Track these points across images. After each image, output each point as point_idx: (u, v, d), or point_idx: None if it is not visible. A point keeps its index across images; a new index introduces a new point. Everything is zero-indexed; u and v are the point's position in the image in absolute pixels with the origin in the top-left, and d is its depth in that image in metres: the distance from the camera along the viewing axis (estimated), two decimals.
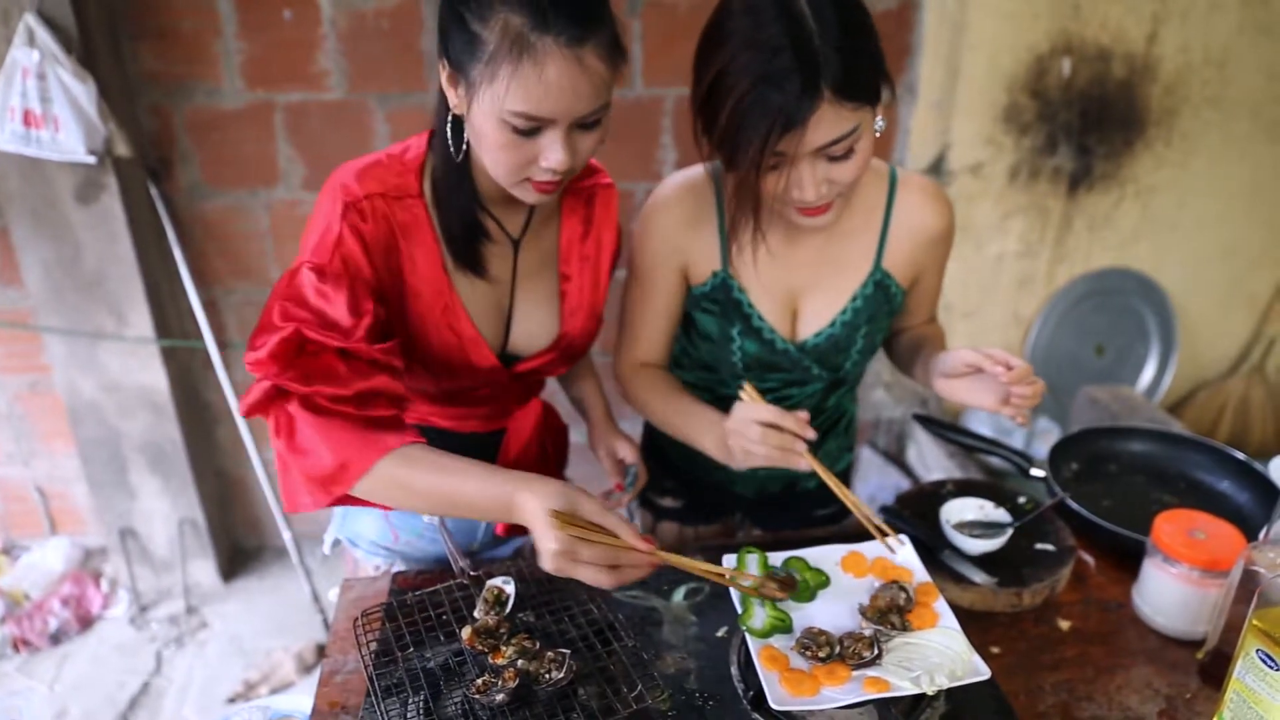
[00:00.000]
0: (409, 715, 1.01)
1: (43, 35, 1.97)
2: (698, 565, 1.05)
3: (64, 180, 2.17)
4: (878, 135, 1.14)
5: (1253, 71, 2.69)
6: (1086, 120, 2.67)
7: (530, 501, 0.95)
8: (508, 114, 0.97)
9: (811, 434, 1.13)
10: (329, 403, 1.01)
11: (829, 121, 1.04)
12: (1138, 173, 2.78)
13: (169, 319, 2.45)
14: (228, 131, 2.35)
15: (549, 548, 0.92)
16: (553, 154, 1.00)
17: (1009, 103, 2.61)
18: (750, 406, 1.15)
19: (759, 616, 1.08)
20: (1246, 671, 0.92)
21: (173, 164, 2.37)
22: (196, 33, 2.23)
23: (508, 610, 1.14)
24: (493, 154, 1.02)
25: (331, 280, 1.04)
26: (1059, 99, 2.63)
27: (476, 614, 1.13)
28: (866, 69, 1.06)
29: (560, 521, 0.92)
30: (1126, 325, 3.03)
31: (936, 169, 2.65)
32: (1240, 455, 1.46)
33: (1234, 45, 2.64)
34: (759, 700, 1.02)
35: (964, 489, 1.42)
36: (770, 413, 1.13)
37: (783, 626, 1.07)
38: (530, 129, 0.99)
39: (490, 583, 1.16)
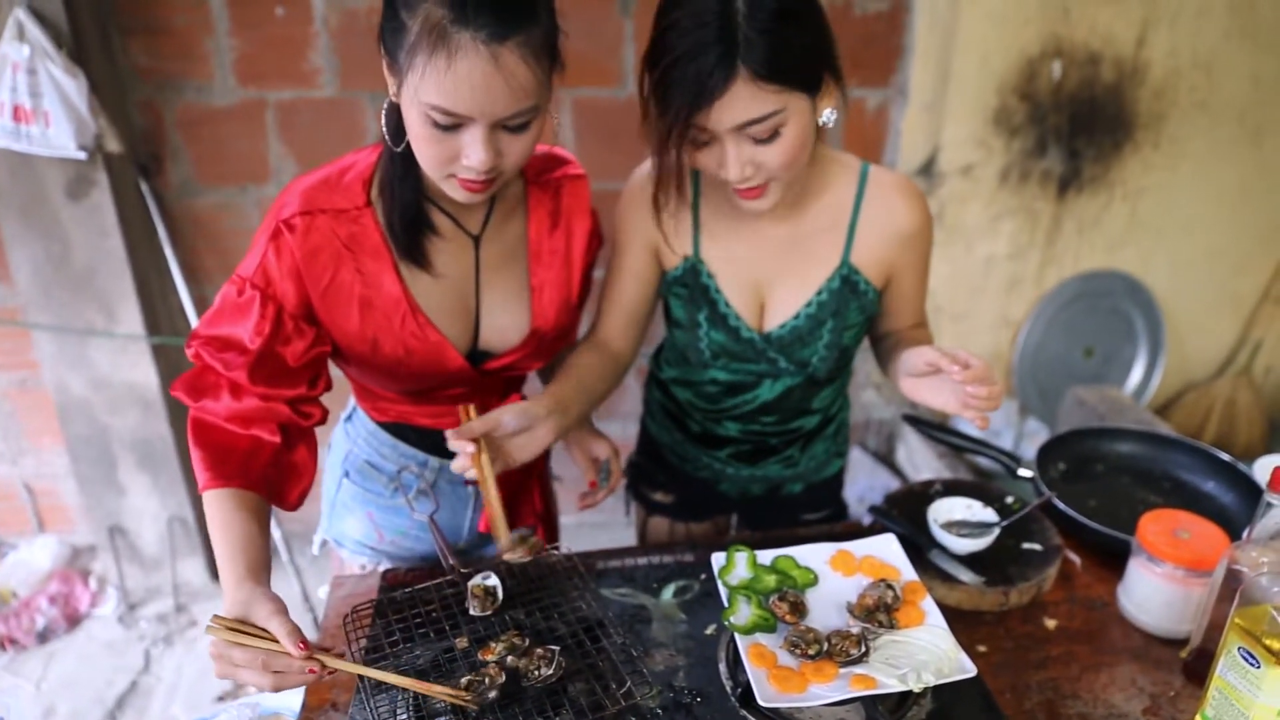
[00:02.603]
0: (398, 712, 1.02)
1: (33, 30, 1.96)
2: (377, 674, 0.99)
3: (54, 176, 2.16)
4: (826, 126, 1.14)
5: (1239, 76, 2.72)
6: (1076, 123, 2.68)
7: (223, 603, 0.98)
8: (425, 106, 0.97)
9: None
10: (209, 416, 1.10)
11: (745, 100, 1.05)
12: (1126, 176, 2.80)
13: (159, 316, 2.44)
14: (219, 128, 2.34)
15: (209, 648, 0.93)
16: (474, 152, 1.00)
17: (999, 105, 2.62)
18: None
19: (742, 613, 1.08)
20: (1228, 669, 0.93)
21: (164, 160, 2.37)
22: (188, 29, 2.23)
23: (499, 602, 1.15)
24: (418, 146, 1.03)
25: (248, 295, 1.10)
26: (1049, 102, 2.64)
27: (472, 611, 1.14)
28: (795, 54, 1.05)
29: (223, 624, 0.92)
30: (1115, 327, 3.04)
31: (927, 171, 2.66)
32: (1225, 456, 1.48)
33: (1221, 50, 2.67)
34: (747, 697, 1.02)
35: (952, 489, 1.43)
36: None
37: (766, 625, 1.07)
38: (449, 124, 0.99)
39: (473, 581, 1.17)
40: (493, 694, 1.00)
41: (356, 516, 1.39)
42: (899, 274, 1.33)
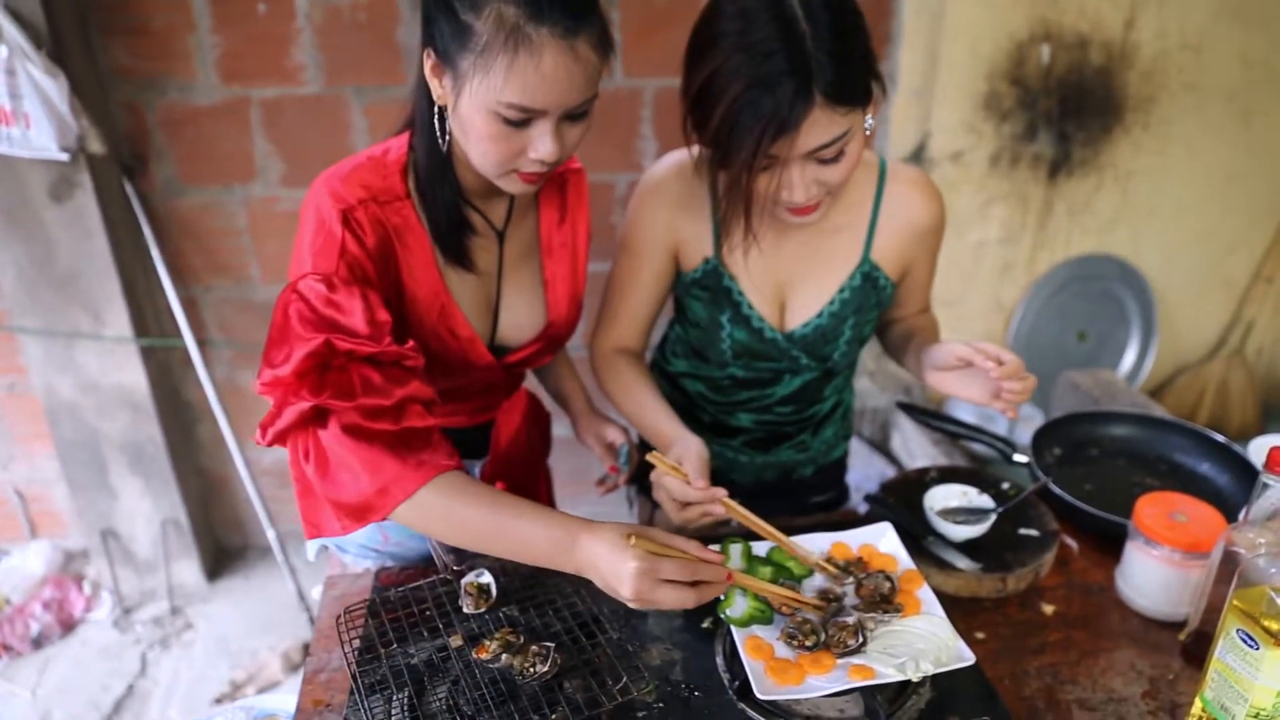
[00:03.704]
0: (393, 712, 1.01)
1: (11, 30, 1.94)
2: (767, 588, 1.07)
3: (36, 178, 2.14)
4: (868, 134, 1.13)
5: (1228, 57, 2.71)
6: (1066, 107, 2.68)
7: (598, 536, 0.93)
8: (501, 105, 0.96)
9: (720, 492, 1.13)
10: (370, 419, 0.97)
11: (821, 125, 1.04)
12: (1116, 159, 2.79)
13: (147, 317, 2.42)
14: (203, 127, 2.32)
15: (630, 567, 0.89)
16: (543, 145, 1.00)
17: (989, 90, 2.61)
18: (666, 490, 1.15)
19: (739, 605, 1.08)
20: (1227, 651, 0.93)
21: (148, 161, 2.34)
22: (169, 27, 2.20)
23: (493, 600, 1.14)
24: (481, 145, 1.01)
25: (343, 290, 1.00)
26: (1038, 86, 2.63)
27: (466, 609, 1.13)
28: (858, 71, 1.05)
29: (642, 545, 0.92)
30: (1107, 310, 3.04)
31: (917, 157, 2.66)
32: (1220, 438, 1.48)
33: (1209, 30, 2.66)
34: (745, 690, 1.02)
35: (948, 476, 1.43)
36: (680, 493, 1.13)
37: (762, 617, 1.07)
38: (521, 120, 0.98)
39: (466, 579, 1.16)
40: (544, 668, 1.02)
41: None
42: (914, 266, 1.36)
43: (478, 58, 0.94)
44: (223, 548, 2.88)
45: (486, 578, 1.16)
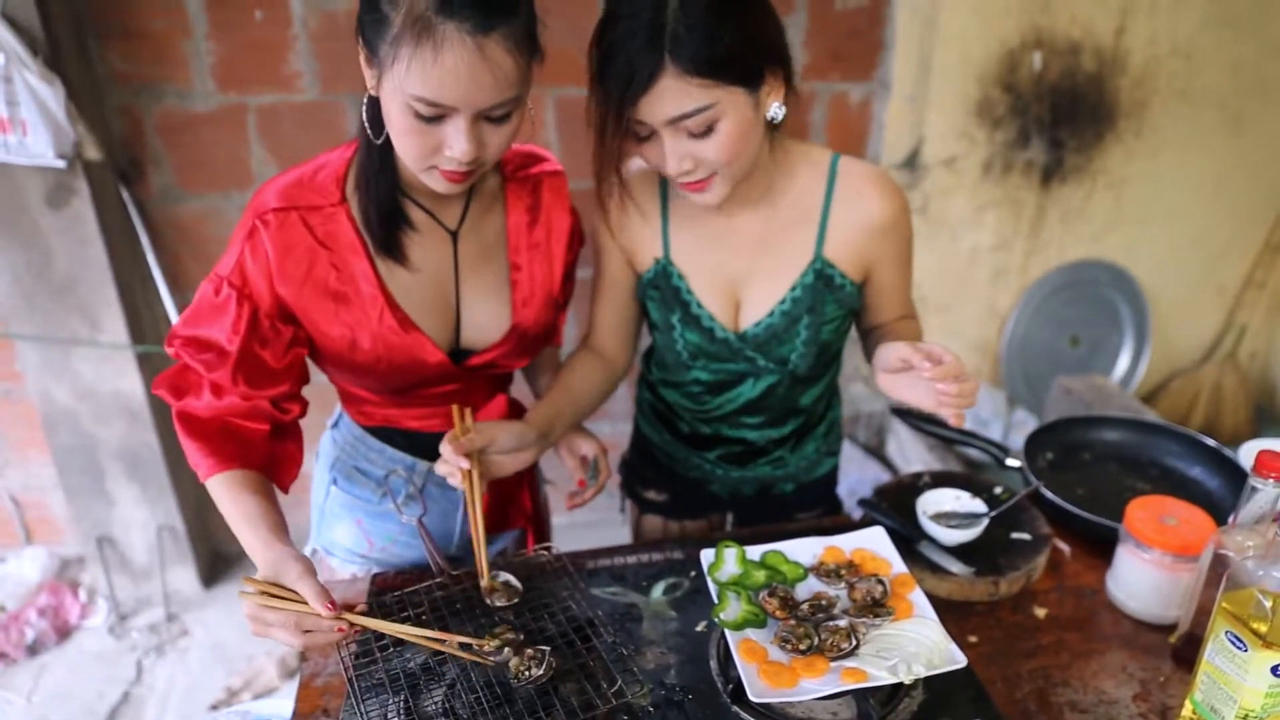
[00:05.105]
0: (389, 716, 1.01)
1: (6, 37, 1.94)
2: (401, 630, 1.04)
3: (33, 185, 2.14)
4: (774, 122, 1.14)
5: (1218, 64, 2.73)
6: (1058, 113, 2.69)
7: (259, 568, 1.02)
8: (409, 98, 0.97)
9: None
10: (195, 410, 1.13)
11: (673, 94, 1.04)
12: (1109, 165, 2.81)
13: (144, 324, 2.43)
14: (200, 134, 2.33)
15: (244, 610, 0.98)
16: (457, 144, 1.00)
17: (981, 97, 2.63)
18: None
19: (732, 609, 1.08)
20: (1216, 653, 0.93)
21: (144, 167, 2.35)
22: (166, 34, 2.21)
23: (520, 593, 1.17)
24: (399, 139, 1.03)
25: (224, 295, 1.11)
26: (1030, 92, 2.65)
27: (498, 603, 1.16)
28: (727, 49, 1.04)
29: (257, 588, 0.98)
30: (1100, 316, 3.06)
31: (911, 163, 2.67)
32: (1211, 442, 1.48)
33: (1200, 38, 2.68)
34: (738, 693, 1.02)
35: (941, 480, 1.44)
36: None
37: (756, 620, 1.07)
38: (433, 116, 0.99)
39: (487, 581, 1.18)
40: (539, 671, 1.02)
41: (345, 524, 1.38)
42: (877, 267, 1.31)
43: (389, 47, 0.96)
44: (219, 554, 2.88)
45: (506, 576, 1.18)
